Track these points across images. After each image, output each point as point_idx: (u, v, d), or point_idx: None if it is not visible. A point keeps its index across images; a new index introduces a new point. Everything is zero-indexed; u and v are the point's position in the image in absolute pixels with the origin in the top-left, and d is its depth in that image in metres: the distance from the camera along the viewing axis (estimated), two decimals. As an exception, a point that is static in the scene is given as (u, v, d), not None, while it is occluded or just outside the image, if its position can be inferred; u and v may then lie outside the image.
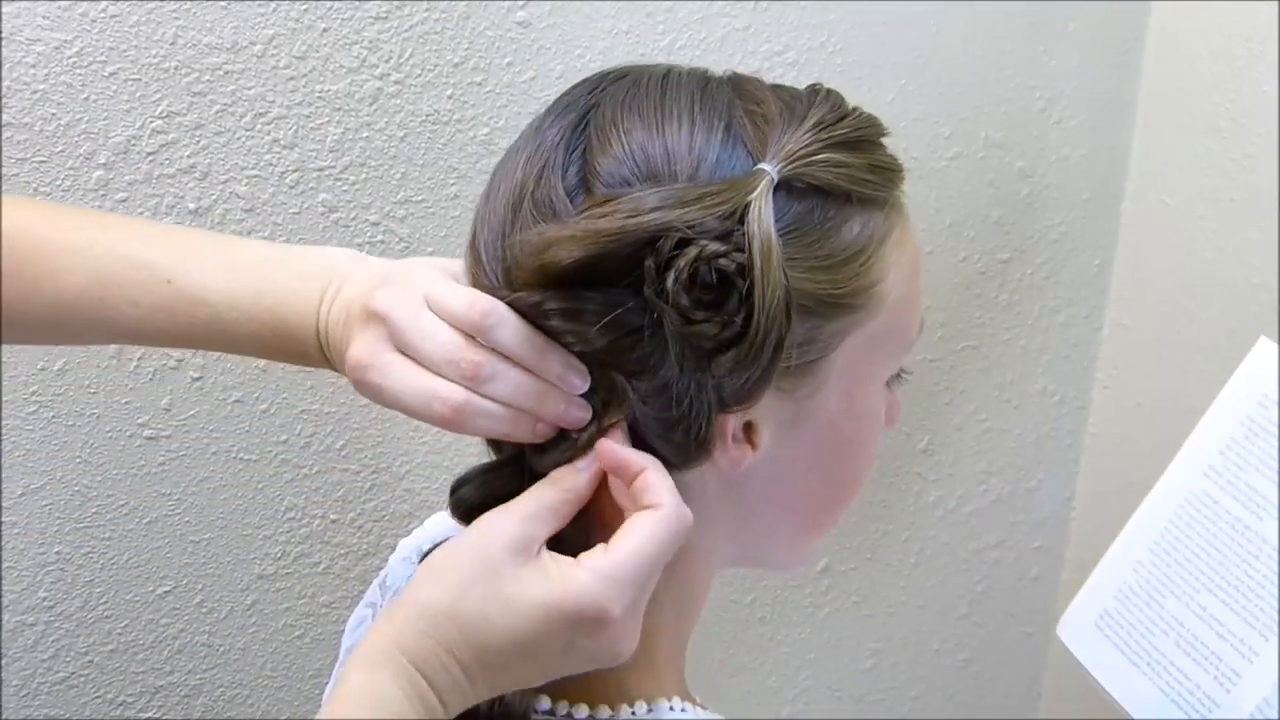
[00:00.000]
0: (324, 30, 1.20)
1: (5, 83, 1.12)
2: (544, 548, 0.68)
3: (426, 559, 0.68)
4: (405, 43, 1.23)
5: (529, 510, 0.68)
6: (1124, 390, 1.72)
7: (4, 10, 1.10)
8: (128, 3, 1.13)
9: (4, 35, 1.11)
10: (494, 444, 0.75)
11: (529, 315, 0.68)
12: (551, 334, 0.69)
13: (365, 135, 1.25)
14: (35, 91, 1.13)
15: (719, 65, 0.76)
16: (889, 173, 0.73)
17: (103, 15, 1.13)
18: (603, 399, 0.70)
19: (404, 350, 0.69)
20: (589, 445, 0.70)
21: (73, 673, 1.30)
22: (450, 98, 1.27)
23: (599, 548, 0.67)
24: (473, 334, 0.68)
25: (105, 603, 1.30)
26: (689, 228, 0.65)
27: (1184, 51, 1.55)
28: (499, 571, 0.65)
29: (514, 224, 0.71)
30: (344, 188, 1.25)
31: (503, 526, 0.67)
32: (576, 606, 0.65)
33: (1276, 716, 0.93)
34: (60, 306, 0.78)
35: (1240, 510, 0.98)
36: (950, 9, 1.47)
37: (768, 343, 0.66)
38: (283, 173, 1.23)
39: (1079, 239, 1.66)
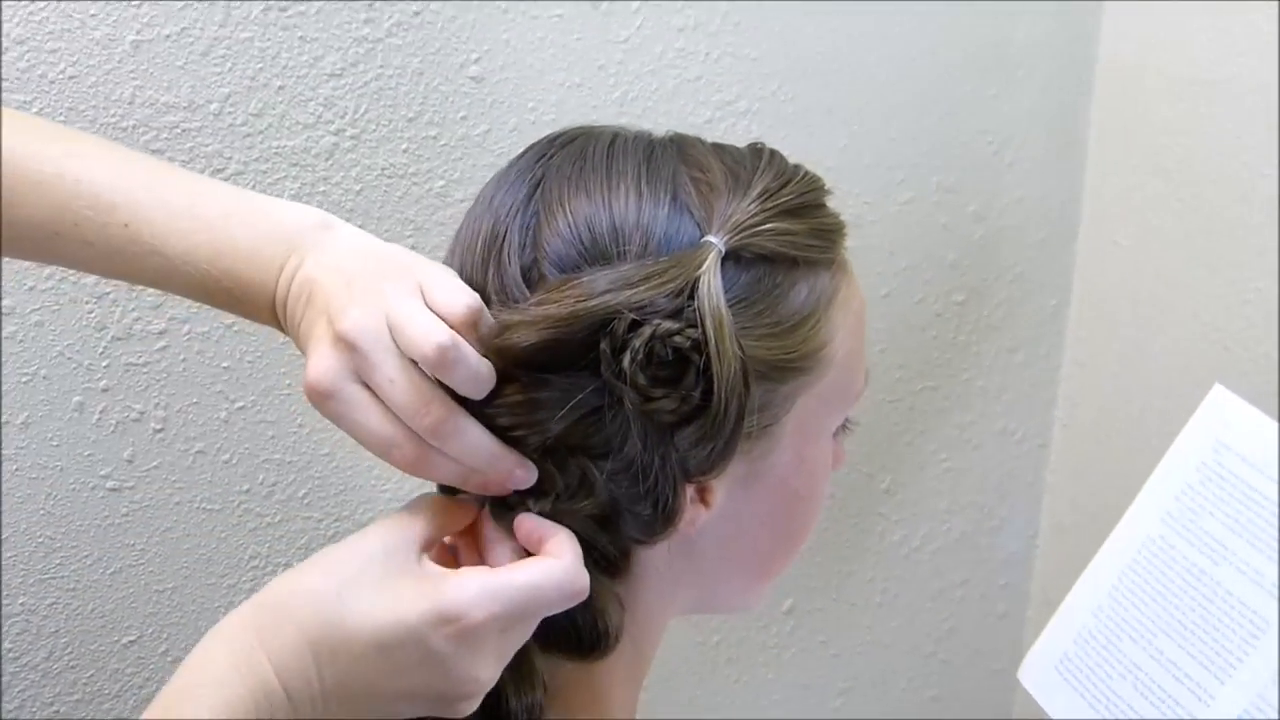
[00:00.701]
0: (280, 88, 1.23)
1: (-33, 143, 1.14)
2: (425, 557, 0.68)
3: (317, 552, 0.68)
4: (360, 99, 1.26)
5: (419, 515, 0.69)
6: (1084, 428, 1.73)
7: (-35, 72, 1.13)
8: (85, 64, 1.15)
9: (-35, 97, 1.13)
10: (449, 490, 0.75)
11: (496, 401, 0.69)
12: (511, 425, 0.69)
13: (322, 189, 1.27)
14: (-5, 152, 1.15)
15: (671, 116, 0.77)
16: (832, 234, 0.75)
17: (61, 76, 1.15)
18: (568, 484, 0.71)
19: (365, 383, 0.68)
20: (551, 515, 0.71)
21: (38, 723, 1.31)
22: (405, 151, 1.29)
23: (483, 567, 0.68)
24: (431, 370, 0.67)
25: (70, 653, 1.31)
26: (640, 308, 0.66)
27: (1132, 94, 1.58)
28: (376, 564, 0.66)
29: None
30: (302, 241, 1.27)
31: (391, 524, 0.68)
32: (443, 601, 0.64)
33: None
34: (13, 236, 0.76)
35: (1195, 555, 0.99)
36: (900, 55, 1.50)
37: (729, 413, 0.67)
38: (241, 227, 1.25)
39: (1034, 279, 1.68)
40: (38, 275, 1.19)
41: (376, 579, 0.65)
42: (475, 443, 0.69)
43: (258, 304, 0.74)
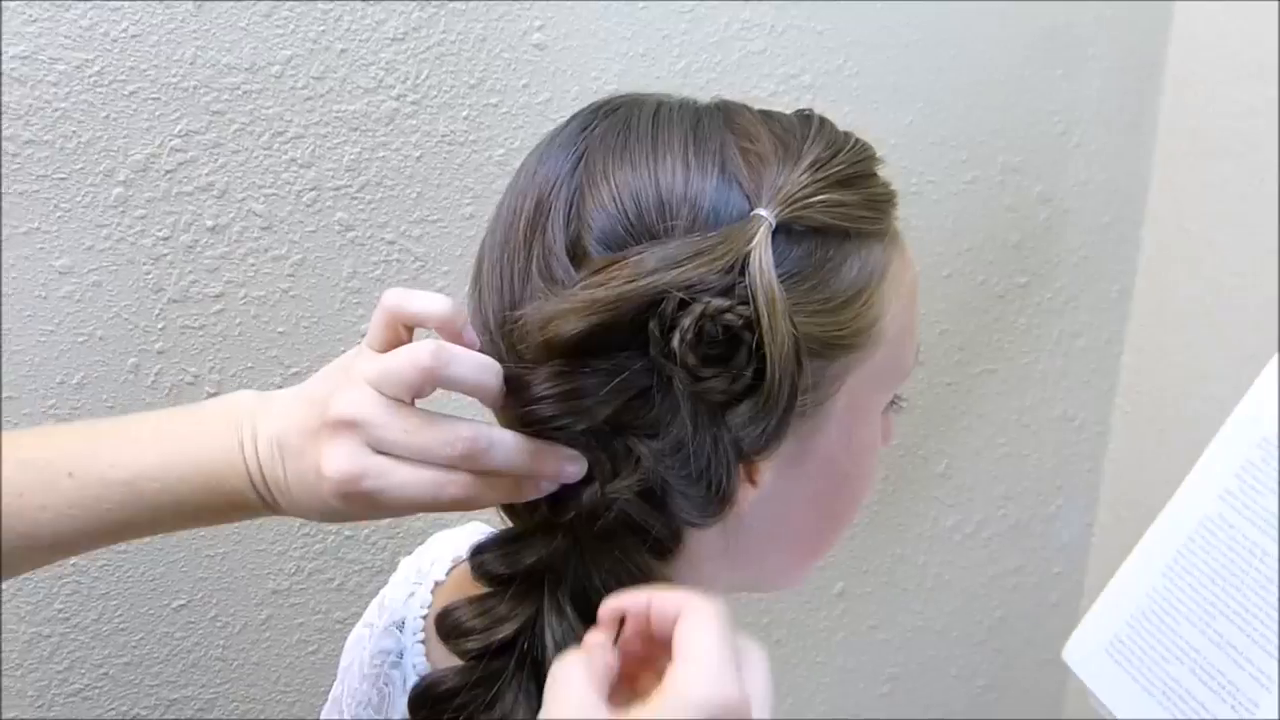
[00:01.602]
0: (341, 51, 1.22)
1: (29, 100, 1.14)
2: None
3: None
4: (422, 64, 1.25)
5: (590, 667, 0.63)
6: (1144, 415, 1.71)
7: (29, 30, 1.12)
8: (148, 23, 1.15)
9: (28, 54, 1.12)
10: (509, 509, 0.74)
11: (537, 395, 0.67)
12: (555, 414, 0.67)
13: (381, 155, 1.26)
14: (56, 110, 1.14)
15: (734, 89, 0.75)
16: (884, 204, 0.73)
17: (123, 35, 1.15)
18: (616, 468, 0.69)
19: (385, 450, 0.66)
20: (603, 498, 0.69)
21: (87, 684, 1.31)
22: (466, 119, 1.28)
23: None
24: (432, 382, 0.66)
25: (120, 616, 1.31)
26: (689, 287, 0.64)
27: (1203, 77, 1.55)
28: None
29: (515, 291, 0.70)
30: (360, 207, 1.26)
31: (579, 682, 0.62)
32: (704, 701, 0.58)
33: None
34: None
35: (1257, 535, 0.96)
36: (969, 33, 1.48)
37: (783, 391, 0.66)
38: (299, 191, 1.24)
39: (1099, 263, 1.65)
40: (95, 235, 1.18)
41: None
42: (515, 447, 0.67)
43: (236, 489, 0.71)
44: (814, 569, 0.82)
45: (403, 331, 0.69)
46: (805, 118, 0.74)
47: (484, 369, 0.67)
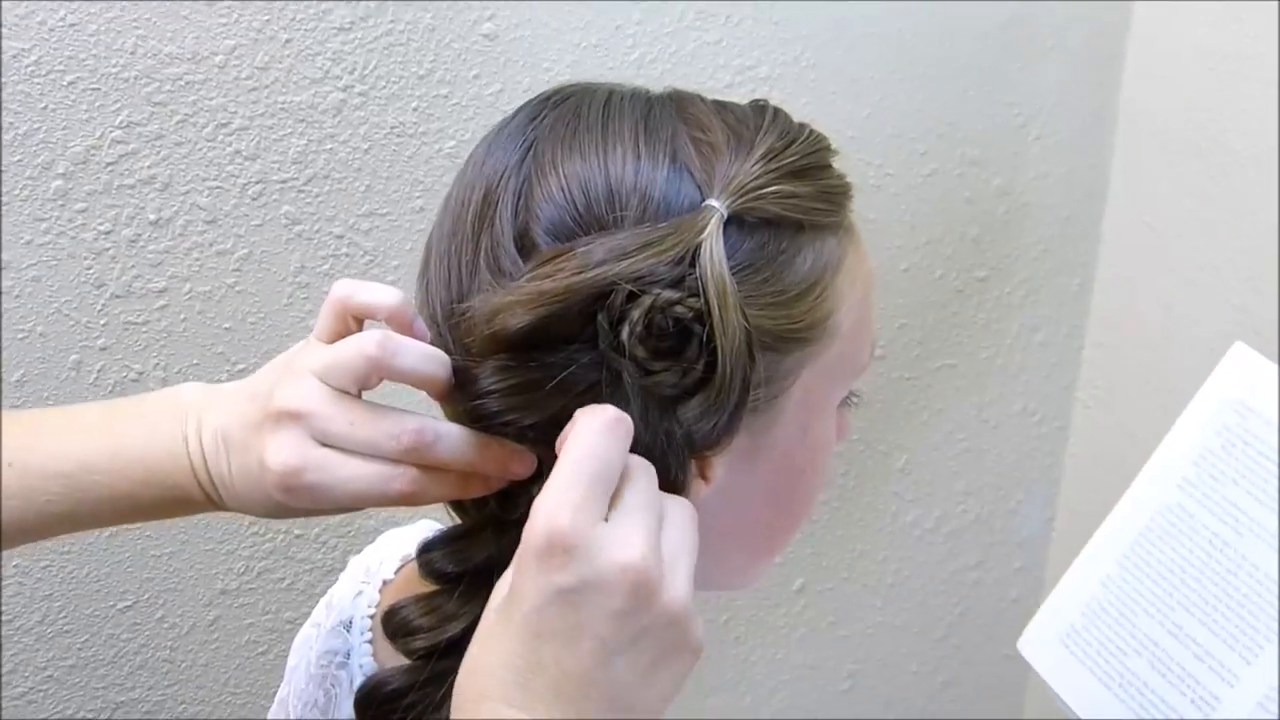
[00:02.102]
0: (286, 41, 1.19)
1: (-35, 92, 1.11)
2: None
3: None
4: (370, 54, 1.23)
5: None
6: (1105, 410, 1.70)
7: (-37, 19, 1.10)
8: (86, 11, 1.12)
9: (-38, 44, 1.10)
10: (457, 506, 0.72)
11: (484, 389, 0.66)
12: (502, 410, 0.66)
13: (329, 147, 1.24)
14: (-7, 100, 1.12)
15: (689, 80, 0.74)
16: (839, 196, 0.71)
17: (61, 24, 1.12)
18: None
19: (330, 443, 0.65)
20: None
21: (31, 687, 1.29)
22: (415, 110, 1.26)
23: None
24: (378, 373, 0.65)
25: (65, 617, 1.29)
26: (639, 278, 0.62)
27: (1164, 70, 1.54)
28: None
29: (463, 283, 0.68)
30: (307, 200, 1.24)
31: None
32: (530, 542, 0.59)
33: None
34: None
35: (1217, 525, 0.95)
36: (928, 24, 1.46)
37: (734, 385, 0.64)
38: (245, 184, 1.22)
39: (1059, 257, 1.64)
40: (34, 229, 1.16)
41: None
42: (462, 442, 0.66)
43: (179, 483, 0.70)
44: (770, 567, 0.81)
45: (351, 323, 0.68)
46: (759, 108, 0.72)
47: (431, 360, 0.66)
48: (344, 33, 1.21)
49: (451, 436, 0.66)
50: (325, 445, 0.65)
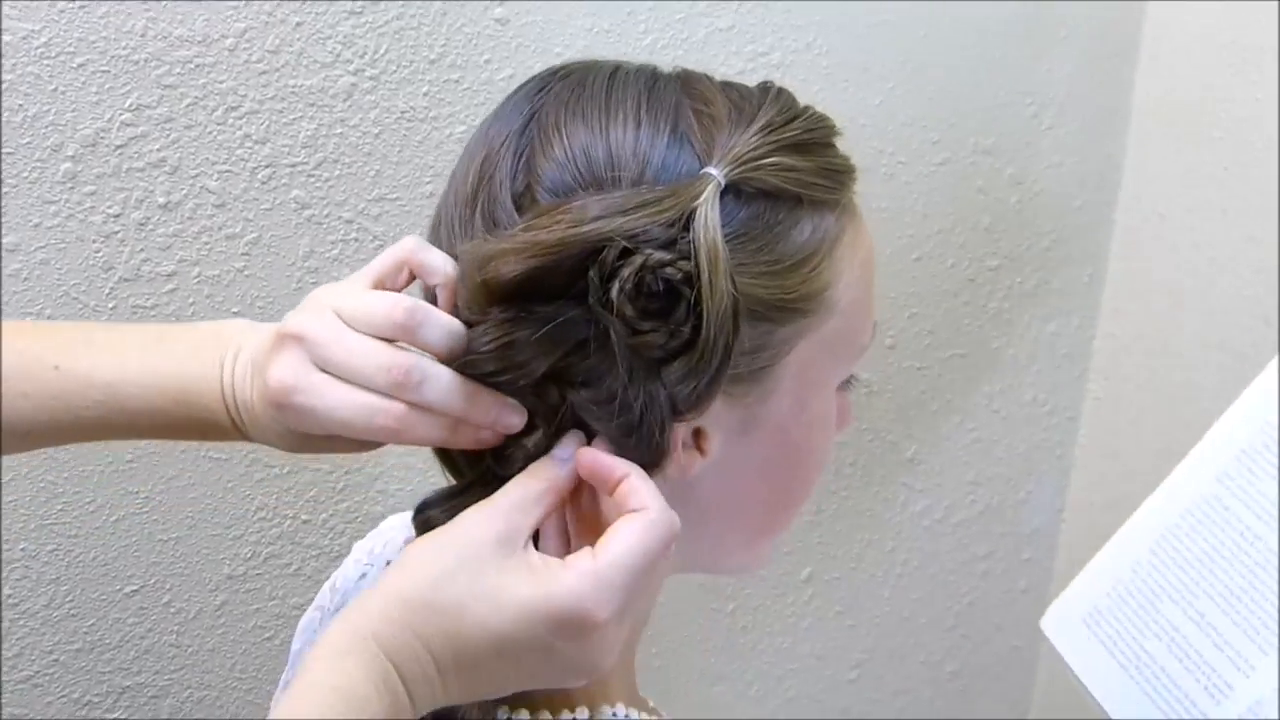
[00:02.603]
0: (297, 24, 1.19)
1: (-26, 73, 1.11)
2: (530, 543, 0.66)
3: (407, 546, 0.66)
4: (381, 38, 1.22)
5: (511, 502, 0.66)
6: (1115, 402, 1.69)
7: (-27, 0, 1.09)
8: (96, -7, 1.12)
9: (-28, 25, 1.10)
10: (452, 466, 0.74)
11: (475, 347, 0.67)
12: (495, 370, 0.67)
13: (339, 132, 1.23)
14: (2, 82, 1.11)
15: (701, 66, 0.74)
16: (840, 175, 0.72)
17: (71, 6, 1.12)
18: (553, 412, 0.69)
19: (328, 369, 0.67)
20: (546, 449, 0.69)
21: (37, 671, 1.29)
22: (426, 95, 1.25)
23: (585, 550, 0.65)
24: (400, 337, 0.67)
25: (71, 601, 1.28)
26: (632, 237, 0.63)
27: (1178, 60, 1.53)
28: (483, 563, 0.64)
29: (462, 236, 0.70)
30: (317, 184, 1.24)
31: (488, 517, 0.66)
32: (562, 608, 0.63)
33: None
34: None
35: (1251, 518, 0.96)
36: (941, 12, 1.45)
37: (716, 350, 0.65)
38: (254, 168, 1.21)
39: (1071, 247, 1.63)
40: (43, 212, 1.15)
41: (493, 582, 0.64)
42: (451, 385, 0.67)
43: (209, 407, 0.74)
44: (770, 550, 0.81)
45: (404, 277, 0.70)
46: (764, 88, 0.73)
47: (454, 336, 0.67)
48: (355, 16, 1.20)
49: (441, 379, 0.67)
50: (325, 371, 0.67)
